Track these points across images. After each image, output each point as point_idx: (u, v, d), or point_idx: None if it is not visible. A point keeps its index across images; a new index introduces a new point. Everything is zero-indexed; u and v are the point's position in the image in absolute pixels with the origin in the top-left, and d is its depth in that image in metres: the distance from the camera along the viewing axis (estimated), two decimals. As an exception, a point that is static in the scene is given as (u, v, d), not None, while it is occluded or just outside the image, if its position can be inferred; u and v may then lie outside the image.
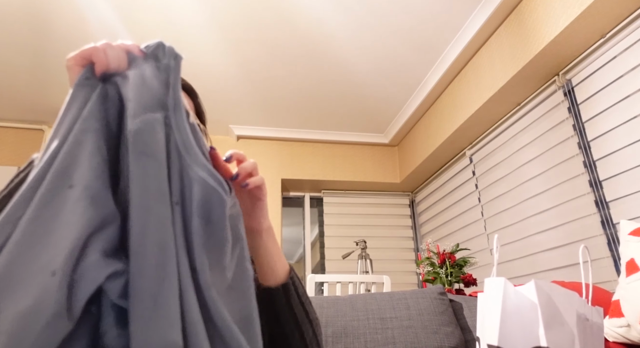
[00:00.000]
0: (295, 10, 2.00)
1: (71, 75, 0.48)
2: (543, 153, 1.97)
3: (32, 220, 0.37)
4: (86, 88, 0.47)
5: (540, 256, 1.94)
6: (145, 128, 0.46)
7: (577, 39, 1.67)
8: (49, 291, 0.34)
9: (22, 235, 0.36)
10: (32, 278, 0.35)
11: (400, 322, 1.28)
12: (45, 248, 0.36)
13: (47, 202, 0.38)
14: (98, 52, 0.48)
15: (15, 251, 0.35)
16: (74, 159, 0.41)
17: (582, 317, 0.63)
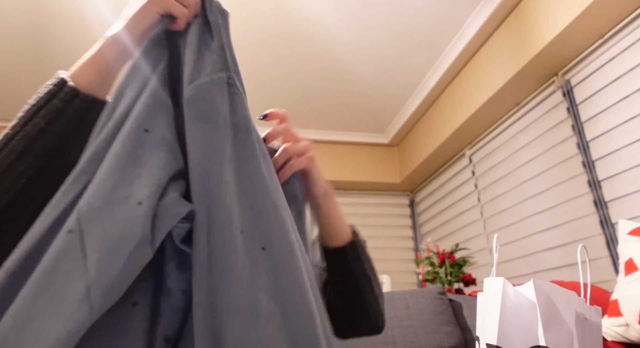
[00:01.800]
0: (295, 11, 2.01)
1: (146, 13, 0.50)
2: (542, 153, 1.97)
3: (114, 156, 0.39)
4: (160, 45, 0.49)
5: (539, 255, 1.95)
6: (199, 94, 0.48)
7: (576, 39, 1.67)
8: (136, 218, 0.37)
9: (107, 168, 0.39)
10: (119, 206, 0.37)
11: (400, 322, 1.28)
12: (129, 181, 0.39)
13: (126, 142, 0.41)
14: (181, 11, 0.50)
15: (101, 183, 0.38)
16: (151, 110, 0.44)
17: (580, 317, 0.64)
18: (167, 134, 0.44)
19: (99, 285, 0.33)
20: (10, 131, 0.46)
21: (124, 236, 0.36)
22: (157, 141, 0.42)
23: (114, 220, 0.36)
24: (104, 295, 0.33)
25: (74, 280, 0.33)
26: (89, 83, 0.49)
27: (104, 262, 0.34)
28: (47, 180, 0.45)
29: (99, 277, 0.34)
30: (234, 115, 0.49)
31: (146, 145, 0.41)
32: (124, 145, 0.40)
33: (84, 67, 0.50)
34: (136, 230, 0.36)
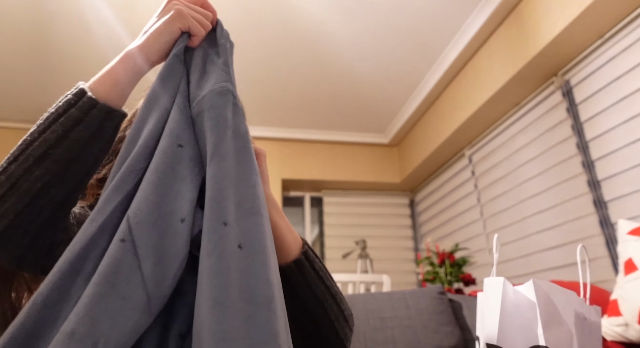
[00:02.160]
0: (295, 11, 2.01)
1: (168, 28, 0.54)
2: (542, 153, 1.97)
3: (156, 172, 0.42)
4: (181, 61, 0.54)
5: (539, 255, 1.95)
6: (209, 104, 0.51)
7: (575, 39, 1.67)
8: (181, 235, 0.40)
9: (151, 183, 0.42)
10: (165, 221, 0.40)
11: (400, 322, 1.29)
12: (172, 197, 0.42)
13: (166, 158, 0.44)
14: (200, 31, 0.55)
15: (148, 198, 0.41)
16: (181, 125, 0.47)
17: (580, 316, 0.64)
18: (196, 148, 0.47)
19: (156, 293, 0.36)
20: (29, 137, 0.49)
21: (173, 251, 0.39)
22: (190, 156, 0.46)
23: (162, 234, 0.39)
24: (159, 302, 0.37)
25: (135, 287, 0.36)
26: (106, 94, 0.51)
27: (159, 272, 0.37)
28: (63, 185, 0.48)
29: (156, 286, 0.37)
30: (235, 121, 0.52)
31: (182, 161, 0.45)
32: (164, 161, 0.43)
33: (103, 79, 0.52)
34: (181, 246, 0.40)
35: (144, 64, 0.54)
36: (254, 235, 0.44)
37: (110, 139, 0.53)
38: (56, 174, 0.47)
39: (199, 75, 0.53)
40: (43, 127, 0.49)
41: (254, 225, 0.45)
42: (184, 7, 0.55)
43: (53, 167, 0.47)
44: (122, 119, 0.53)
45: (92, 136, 0.49)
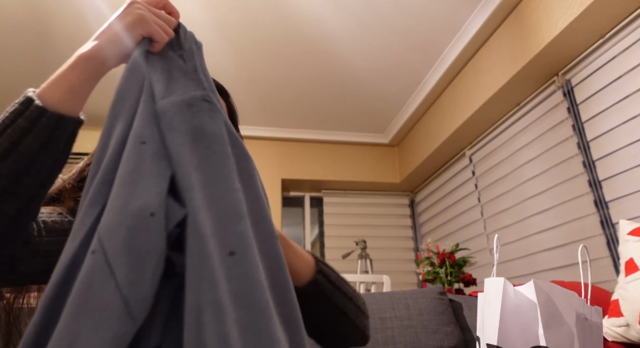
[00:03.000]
0: (296, 11, 2.01)
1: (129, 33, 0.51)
2: (542, 153, 1.97)
3: (121, 174, 0.42)
4: (143, 65, 0.51)
5: (540, 256, 1.95)
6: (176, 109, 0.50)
7: (576, 39, 1.67)
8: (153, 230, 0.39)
9: (117, 186, 0.41)
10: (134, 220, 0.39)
11: (400, 322, 1.28)
12: (139, 195, 0.40)
13: (130, 158, 0.43)
14: (163, 38, 0.52)
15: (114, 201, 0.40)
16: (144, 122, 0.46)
17: (581, 317, 0.64)
18: (159, 142, 0.46)
19: (134, 297, 0.35)
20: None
21: (148, 247, 0.37)
22: (154, 151, 0.44)
23: (132, 234, 0.38)
24: (140, 305, 0.35)
25: (110, 297, 0.35)
26: (57, 101, 0.49)
27: (134, 275, 0.36)
28: (15, 200, 0.46)
29: (133, 290, 0.35)
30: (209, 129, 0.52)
31: (146, 157, 0.43)
32: (128, 162, 0.42)
33: (54, 84, 0.50)
34: (155, 242, 0.38)
35: (100, 68, 0.51)
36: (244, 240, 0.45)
37: (66, 149, 0.50)
38: (5, 189, 0.45)
39: (165, 80, 0.52)
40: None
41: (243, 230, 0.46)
42: (146, 11, 0.52)
43: (1, 182, 0.45)
44: (77, 127, 0.50)
45: (42, 147, 0.47)
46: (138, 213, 0.39)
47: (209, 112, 0.52)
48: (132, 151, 0.43)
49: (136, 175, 0.42)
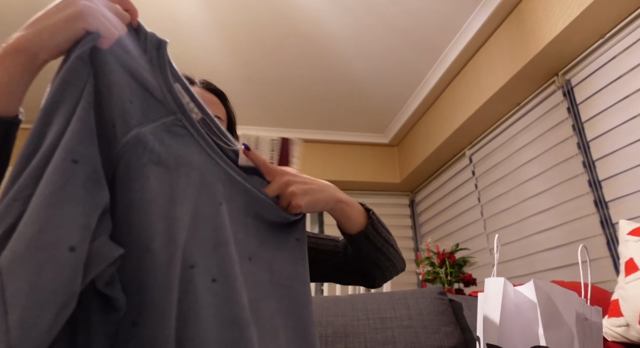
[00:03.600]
0: (296, 11, 2.01)
1: (69, 25, 0.44)
2: (542, 153, 1.97)
3: (40, 196, 0.35)
4: (86, 64, 0.45)
5: (540, 256, 1.95)
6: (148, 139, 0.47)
7: (576, 39, 1.67)
8: (69, 266, 0.34)
9: (32, 210, 0.35)
10: (47, 253, 0.33)
11: (400, 322, 1.28)
12: (58, 224, 0.35)
13: (54, 177, 0.36)
14: (110, 32, 0.46)
15: (26, 227, 0.34)
16: (79, 136, 0.40)
17: (581, 317, 0.64)
18: (96, 163, 0.40)
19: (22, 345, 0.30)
20: None
21: (56, 286, 0.32)
22: (87, 173, 0.39)
23: (41, 269, 0.32)
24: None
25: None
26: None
27: (31, 318, 0.31)
28: None
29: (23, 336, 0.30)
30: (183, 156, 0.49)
31: (75, 179, 0.37)
32: (51, 181, 0.36)
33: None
34: (69, 280, 0.33)
35: (31, 61, 0.45)
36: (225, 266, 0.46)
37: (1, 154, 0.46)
38: None
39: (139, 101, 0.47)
40: None
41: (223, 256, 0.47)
42: (93, 3, 0.46)
43: None
44: (10, 128, 0.46)
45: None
46: (54, 245, 0.34)
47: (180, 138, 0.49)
48: (59, 169, 0.37)
49: (59, 199, 0.36)
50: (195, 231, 0.47)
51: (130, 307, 0.40)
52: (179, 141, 0.50)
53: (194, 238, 0.46)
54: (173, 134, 0.49)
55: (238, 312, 0.45)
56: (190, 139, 0.51)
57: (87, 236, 0.36)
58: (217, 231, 0.49)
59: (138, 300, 0.40)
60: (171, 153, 0.48)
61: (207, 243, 0.47)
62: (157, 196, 0.44)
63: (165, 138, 0.48)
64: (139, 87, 0.48)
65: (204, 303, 0.43)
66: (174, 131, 0.50)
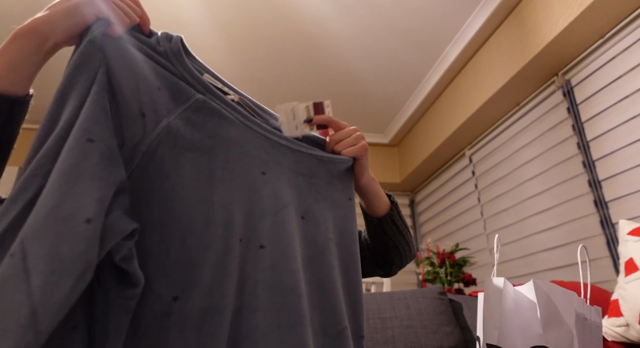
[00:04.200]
0: (296, 11, 2.01)
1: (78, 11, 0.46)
2: (542, 153, 1.97)
3: (58, 171, 0.37)
4: (98, 49, 0.46)
5: (540, 256, 1.95)
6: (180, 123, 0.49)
7: (576, 39, 1.67)
8: (86, 237, 0.36)
9: (51, 185, 0.37)
10: (65, 224, 0.35)
11: (400, 322, 1.28)
12: (75, 197, 0.37)
13: (70, 155, 0.39)
14: (121, 18, 0.48)
15: (45, 201, 0.36)
16: (94, 117, 0.42)
17: (580, 317, 0.64)
18: (111, 143, 0.42)
19: (44, 308, 0.32)
20: None
21: (74, 255, 0.34)
22: (102, 151, 0.41)
23: (60, 239, 0.34)
24: (50, 317, 0.32)
25: (17, 306, 0.32)
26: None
27: (51, 284, 0.33)
28: None
29: (45, 300, 0.32)
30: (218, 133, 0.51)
31: (91, 157, 0.39)
32: (68, 158, 0.38)
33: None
34: (86, 249, 0.35)
35: (42, 43, 0.47)
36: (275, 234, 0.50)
37: (3, 131, 0.48)
38: None
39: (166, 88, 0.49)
40: None
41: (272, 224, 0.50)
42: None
43: None
44: (14, 105, 0.47)
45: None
46: (72, 217, 0.36)
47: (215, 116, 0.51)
48: (75, 148, 0.39)
49: (75, 175, 0.38)
50: (241, 204, 0.49)
51: (174, 284, 0.43)
52: (212, 119, 0.51)
53: (240, 212, 0.49)
54: (205, 113, 0.51)
55: (288, 278, 0.49)
56: (223, 114, 0.53)
57: (102, 209, 0.38)
58: (263, 200, 0.51)
59: (183, 277, 0.43)
60: (204, 133, 0.50)
61: (254, 213, 0.50)
62: (193, 182, 0.47)
63: (196, 119, 0.50)
64: (163, 74, 0.50)
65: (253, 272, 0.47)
66: (205, 109, 0.51)
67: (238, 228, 0.48)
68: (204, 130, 0.50)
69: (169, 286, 0.43)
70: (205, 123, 0.51)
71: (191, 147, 0.48)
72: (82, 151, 0.39)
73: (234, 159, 0.51)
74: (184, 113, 0.49)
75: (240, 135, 0.54)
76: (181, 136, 0.48)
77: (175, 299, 0.43)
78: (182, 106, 0.50)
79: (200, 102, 0.51)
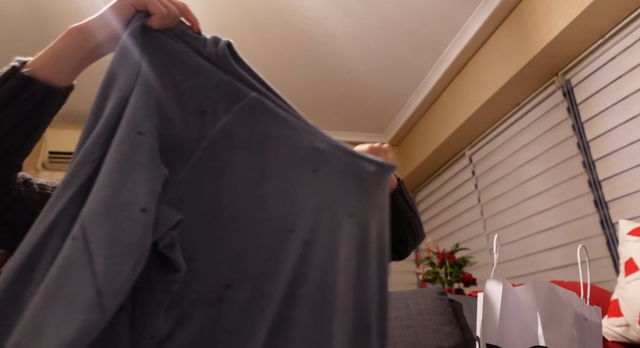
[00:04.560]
0: (296, 11, 2.01)
1: (121, 3, 0.50)
2: (542, 153, 1.97)
3: (111, 161, 0.40)
4: (138, 41, 0.49)
5: (540, 256, 1.95)
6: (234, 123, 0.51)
7: (576, 39, 1.67)
8: (142, 225, 0.38)
9: (105, 174, 0.39)
10: (122, 212, 0.38)
11: (400, 322, 1.28)
12: (129, 187, 0.39)
13: (122, 146, 0.41)
14: (159, 9, 0.51)
15: (102, 189, 0.38)
16: (142, 112, 0.44)
17: (580, 317, 0.64)
18: (156, 138, 0.44)
19: (109, 289, 0.34)
20: None
21: (132, 242, 0.36)
22: (151, 145, 0.43)
23: (118, 225, 0.37)
24: (114, 298, 0.34)
25: (83, 286, 0.34)
26: (36, 66, 0.51)
27: (113, 267, 0.35)
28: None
29: (109, 281, 0.34)
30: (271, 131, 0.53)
31: (142, 149, 0.42)
32: (120, 150, 0.40)
33: (44, 51, 0.52)
34: (142, 237, 0.37)
35: (90, 40, 0.51)
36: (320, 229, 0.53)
37: (33, 114, 0.50)
38: None
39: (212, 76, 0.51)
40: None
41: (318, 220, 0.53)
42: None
43: None
44: (47, 93, 0.50)
45: (5, 106, 0.48)
46: (128, 206, 0.38)
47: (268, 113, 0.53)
48: (126, 141, 0.41)
49: (129, 166, 0.40)
50: (291, 200, 0.51)
51: (224, 271, 0.46)
52: (266, 117, 0.53)
53: (289, 208, 0.51)
54: (259, 112, 0.53)
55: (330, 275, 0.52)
56: (276, 112, 0.54)
57: (154, 199, 0.40)
58: (313, 197, 0.53)
59: (235, 267, 0.46)
60: (258, 131, 0.51)
61: (303, 209, 0.52)
62: (246, 178, 0.49)
63: (251, 118, 0.52)
64: (218, 73, 0.52)
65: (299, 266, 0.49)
66: (259, 108, 0.53)
67: (287, 223, 0.51)
68: (257, 128, 0.52)
69: (222, 275, 0.46)
70: (258, 121, 0.52)
71: (245, 145, 0.50)
72: (134, 143, 0.41)
73: (285, 157, 0.53)
74: (239, 112, 0.51)
75: (292, 134, 0.55)
76: (236, 134, 0.50)
77: (228, 287, 0.46)
78: (238, 105, 0.51)
79: (254, 101, 0.53)
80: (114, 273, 0.35)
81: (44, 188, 0.59)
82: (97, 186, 0.38)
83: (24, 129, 0.50)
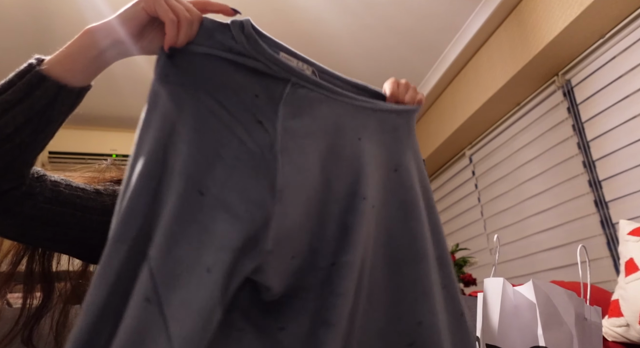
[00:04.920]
0: (295, 10, 2.01)
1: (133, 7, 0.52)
2: (542, 153, 1.97)
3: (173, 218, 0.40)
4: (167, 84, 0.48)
5: (540, 256, 1.94)
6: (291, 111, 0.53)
7: (576, 39, 1.67)
8: (207, 286, 0.39)
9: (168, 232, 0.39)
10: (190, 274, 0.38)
11: (400, 322, 1.28)
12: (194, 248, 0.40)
13: (184, 205, 0.41)
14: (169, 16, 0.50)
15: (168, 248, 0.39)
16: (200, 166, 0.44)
17: (580, 317, 0.64)
18: (224, 193, 0.44)
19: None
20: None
21: (200, 303, 0.37)
22: (214, 204, 0.43)
23: (188, 287, 0.38)
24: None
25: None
26: (51, 65, 0.51)
27: (186, 330, 0.36)
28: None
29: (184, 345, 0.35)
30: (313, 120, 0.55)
31: (204, 210, 0.42)
32: (181, 208, 0.41)
33: (61, 50, 0.53)
34: (209, 296, 0.38)
35: (102, 41, 0.53)
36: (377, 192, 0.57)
37: (44, 111, 0.50)
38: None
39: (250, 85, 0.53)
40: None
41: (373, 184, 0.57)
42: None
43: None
44: (59, 92, 0.51)
45: (19, 102, 0.49)
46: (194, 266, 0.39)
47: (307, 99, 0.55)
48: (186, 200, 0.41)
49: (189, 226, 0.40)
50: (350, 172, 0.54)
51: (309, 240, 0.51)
52: (306, 105, 0.54)
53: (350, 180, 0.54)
54: (300, 103, 0.54)
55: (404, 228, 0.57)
56: (312, 96, 0.56)
57: (221, 261, 0.40)
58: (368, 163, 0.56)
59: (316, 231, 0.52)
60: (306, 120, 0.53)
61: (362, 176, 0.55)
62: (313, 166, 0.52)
63: (296, 111, 0.53)
64: (250, 79, 0.53)
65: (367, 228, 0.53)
66: (298, 99, 0.54)
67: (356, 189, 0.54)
68: (305, 118, 0.54)
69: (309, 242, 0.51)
70: (303, 111, 0.54)
71: (304, 136, 0.52)
72: (195, 202, 0.42)
73: (334, 135, 0.56)
74: (285, 109, 0.52)
75: (331, 110, 0.58)
76: (294, 130, 0.52)
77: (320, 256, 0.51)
78: (281, 105, 0.53)
79: (291, 94, 0.54)
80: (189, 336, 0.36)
81: (57, 185, 0.59)
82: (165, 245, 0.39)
83: (35, 126, 0.50)
